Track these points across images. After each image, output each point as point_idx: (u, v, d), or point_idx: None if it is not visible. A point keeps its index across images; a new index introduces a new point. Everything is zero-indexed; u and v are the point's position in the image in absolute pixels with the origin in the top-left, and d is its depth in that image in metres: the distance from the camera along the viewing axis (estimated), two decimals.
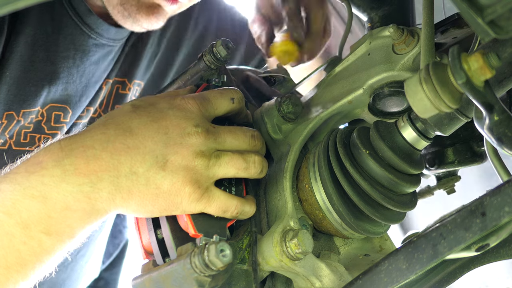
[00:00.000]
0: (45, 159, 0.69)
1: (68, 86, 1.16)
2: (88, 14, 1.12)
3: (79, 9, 1.11)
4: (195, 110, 0.75)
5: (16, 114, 1.10)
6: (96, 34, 1.14)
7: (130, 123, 0.72)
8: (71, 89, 1.17)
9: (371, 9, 0.88)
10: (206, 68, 0.87)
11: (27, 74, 1.09)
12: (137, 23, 1.06)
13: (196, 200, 0.71)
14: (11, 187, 0.68)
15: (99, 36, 1.15)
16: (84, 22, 1.12)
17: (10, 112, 1.10)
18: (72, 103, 1.19)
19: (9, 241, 0.68)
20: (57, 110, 1.17)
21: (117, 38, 1.19)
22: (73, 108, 1.19)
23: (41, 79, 1.11)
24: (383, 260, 0.62)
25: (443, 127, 0.70)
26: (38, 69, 1.10)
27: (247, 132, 0.79)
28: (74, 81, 1.16)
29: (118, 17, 1.07)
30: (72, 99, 1.18)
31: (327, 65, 0.97)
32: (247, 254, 0.75)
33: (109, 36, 1.16)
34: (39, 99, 1.12)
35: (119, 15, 1.06)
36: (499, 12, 0.49)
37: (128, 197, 0.70)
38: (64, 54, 1.13)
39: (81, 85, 1.18)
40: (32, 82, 1.10)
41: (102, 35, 1.15)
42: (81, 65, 1.16)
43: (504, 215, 0.51)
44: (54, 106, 1.16)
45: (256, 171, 0.77)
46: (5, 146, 1.13)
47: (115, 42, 1.19)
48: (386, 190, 0.75)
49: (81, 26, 1.12)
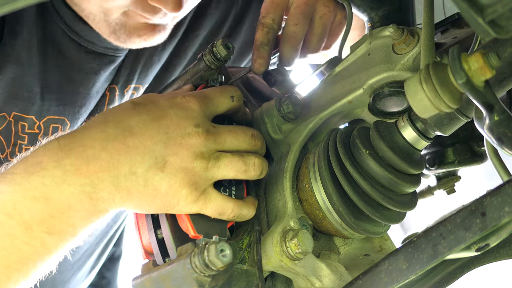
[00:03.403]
0: (45, 159, 0.69)
1: (63, 96, 1.13)
2: (76, 21, 1.08)
3: (66, 17, 1.08)
4: (196, 108, 0.74)
5: (8, 115, 1.09)
6: (87, 42, 1.11)
7: (130, 121, 0.72)
8: (67, 99, 1.14)
9: (371, 9, 0.88)
10: (206, 68, 0.87)
11: (21, 78, 1.08)
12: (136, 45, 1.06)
13: (192, 202, 0.71)
14: (11, 188, 0.68)
15: (92, 45, 1.11)
16: (72, 30, 1.09)
17: (2, 114, 1.09)
18: (70, 114, 1.16)
19: (11, 241, 0.68)
20: (55, 123, 1.14)
21: (118, 48, 1.15)
22: (71, 119, 1.17)
23: (34, 85, 1.09)
24: (383, 260, 0.62)
25: (443, 127, 0.70)
26: (32, 74, 1.09)
27: (247, 131, 0.79)
28: (68, 91, 1.13)
29: (117, 43, 1.07)
30: (70, 110, 1.15)
31: (327, 65, 0.97)
32: (247, 254, 0.75)
33: (106, 45, 1.12)
34: (32, 107, 1.10)
35: (117, 42, 1.06)
36: (500, 11, 0.49)
37: (127, 197, 0.70)
38: (54, 62, 1.10)
39: (80, 95, 1.15)
40: (25, 87, 1.09)
41: (95, 44, 1.11)
42: (73, 74, 1.13)
43: (504, 215, 0.51)
44: (51, 118, 1.14)
45: (255, 173, 0.77)
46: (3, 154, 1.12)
47: (117, 52, 1.16)
48: (386, 190, 0.75)
49: (69, 34, 1.09)
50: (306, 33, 1.01)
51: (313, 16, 1.00)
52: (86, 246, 1.43)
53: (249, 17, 1.39)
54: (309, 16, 1.00)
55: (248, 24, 1.39)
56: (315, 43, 1.02)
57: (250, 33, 1.38)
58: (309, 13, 1.00)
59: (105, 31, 1.05)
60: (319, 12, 1.00)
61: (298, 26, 0.98)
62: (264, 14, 0.99)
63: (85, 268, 1.48)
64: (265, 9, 1.00)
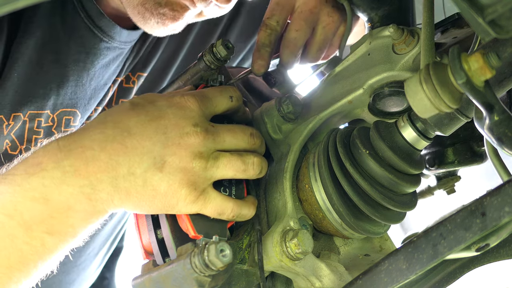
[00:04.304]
0: (44, 160, 0.69)
1: (77, 89, 1.14)
2: (100, 16, 1.09)
3: (91, 12, 1.08)
4: (194, 108, 0.74)
5: (23, 115, 1.10)
6: (108, 37, 1.11)
7: (128, 122, 0.72)
8: (80, 92, 1.15)
9: (371, 9, 0.88)
10: (206, 68, 0.87)
11: (36, 76, 1.08)
12: (161, 22, 1.00)
13: (191, 202, 0.71)
14: (11, 188, 0.69)
15: (111, 39, 1.12)
16: (96, 25, 1.09)
17: (18, 114, 1.09)
18: (82, 106, 1.17)
19: (11, 241, 0.68)
20: (67, 115, 1.15)
21: (128, 41, 1.16)
22: (82, 111, 1.18)
23: (50, 81, 1.10)
24: (383, 260, 0.62)
25: (443, 127, 0.70)
26: (47, 71, 1.09)
27: (246, 130, 0.79)
28: (83, 84, 1.14)
29: (138, 18, 1.01)
30: (82, 102, 1.17)
31: (327, 65, 0.97)
32: (247, 254, 0.75)
33: (121, 39, 1.14)
34: (48, 102, 1.11)
35: (139, 16, 1.01)
36: (500, 11, 0.49)
37: (126, 198, 0.70)
38: (75, 57, 1.11)
39: (90, 88, 1.16)
40: (40, 85, 1.09)
41: (114, 38, 1.12)
42: (92, 68, 1.14)
43: (504, 215, 0.51)
44: (64, 111, 1.15)
45: (255, 172, 0.77)
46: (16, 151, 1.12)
47: (126, 45, 1.17)
48: (386, 190, 0.75)
49: (93, 29, 1.10)
50: (307, 41, 1.01)
51: (316, 25, 1.00)
52: (92, 247, 1.43)
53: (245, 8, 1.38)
54: (312, 24, 0.99)
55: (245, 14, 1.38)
56: (314, 52, 1.01)
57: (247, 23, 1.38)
58: (313, 21, 0.99)
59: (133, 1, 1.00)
60: (322, 21, 0.99)
61: (299, 32, 0.98)
62: (268, 15, 0.99)
63: (90, 268, 1.48)
64: (270, 10, 0.99)
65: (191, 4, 0.96)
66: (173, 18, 0.99)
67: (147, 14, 0.99)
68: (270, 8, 0.99)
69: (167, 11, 0.98)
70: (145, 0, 0.98)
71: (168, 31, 1.04)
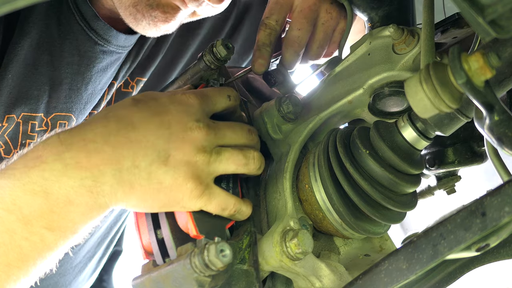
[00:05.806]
0: (45, 153, 0.68)
1: (71, 93, 1.13)
2: (95, 19, 1.07)
3: (86, 14, 1.07)
4: (196, 105, 0.75)
5: (16, 117, 1.09)
6: (103, 41, 1.10)
7: (132, 117, 0.72)
8: (75, 97, 1.14)
9: (371, 9, 0.88)
10: (206, 68, 0.87)
11: (30, 77, 1.07)
12: (153, 24, 1.00)
13: (197, 196, 0.71)
14: (10, 183, 0.68)
15: (107, 43, 1.11)
16: (91, 27, 1.08)
17: (11, 115, 1.09)
18: (77, 111, 1.16)
19: (10, 237, 0.67)
20: (62, 119, 1.14)
21: (126, 45, 1.15)
22: (78, 116, 1.17)
23: (44, 83, 1.09)
24: (383, 260, 0.62)
25: (443, 127, 0.70)
26: (41, 73, 1.08)
27: (243, 126, 0.80)
28: (78, 88, 1.13)
29: (130, 20, 1.01)
30: (77, 106, 1.16)
31: (327, 65, 0.97)
32: (247, 254, 0.75)
33: (118, 43, 1.12)
34: (41, 104, 1.10)
35: (131, 18, 1.00)
36: (500, 11, 0.49)
37: (130, 192, 0.70)
38: (69, 59, 1.10)
39: (87, 92, 1.15)
40: (35, 86, 1.08)
41: (110, 42, 1.11)
42: (87, 72, 1.12)
43: (504, 215, 0.51)
44: (59, 115, 1.14)
45: (255, 166, 0.77)
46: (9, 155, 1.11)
47: (124, 49, 1.15)
48: (386, 190, 0.75)
49: (88, 32, 1.09)
50: (308, 39, 1.01)
51: (316, 22, 1.00)
52: (87, 248, 1.43)
53: (250, 17, 1.39)
54: (313, 21, 1.00)
55: (249, 23, 1.39)
56: (315, 49, 1.01)
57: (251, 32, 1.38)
58: (313, 19, 0.99)
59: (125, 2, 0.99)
60: (321, 18, 1.00)
61: (302, 31, 0.98)
62: (267, 15, 0.99)
63: (86, 270, 1.48)
64: (269, 9, 0.99)
65: (182, 5, 0.97)
66: (164, 20, 0.99)
67: (138, 15, 0.99)
68: (268, 7, 0.99)
69: (158, 14, 0.98)
70: (137, 1, 0.98)
71: (161, 32, 1.04)
